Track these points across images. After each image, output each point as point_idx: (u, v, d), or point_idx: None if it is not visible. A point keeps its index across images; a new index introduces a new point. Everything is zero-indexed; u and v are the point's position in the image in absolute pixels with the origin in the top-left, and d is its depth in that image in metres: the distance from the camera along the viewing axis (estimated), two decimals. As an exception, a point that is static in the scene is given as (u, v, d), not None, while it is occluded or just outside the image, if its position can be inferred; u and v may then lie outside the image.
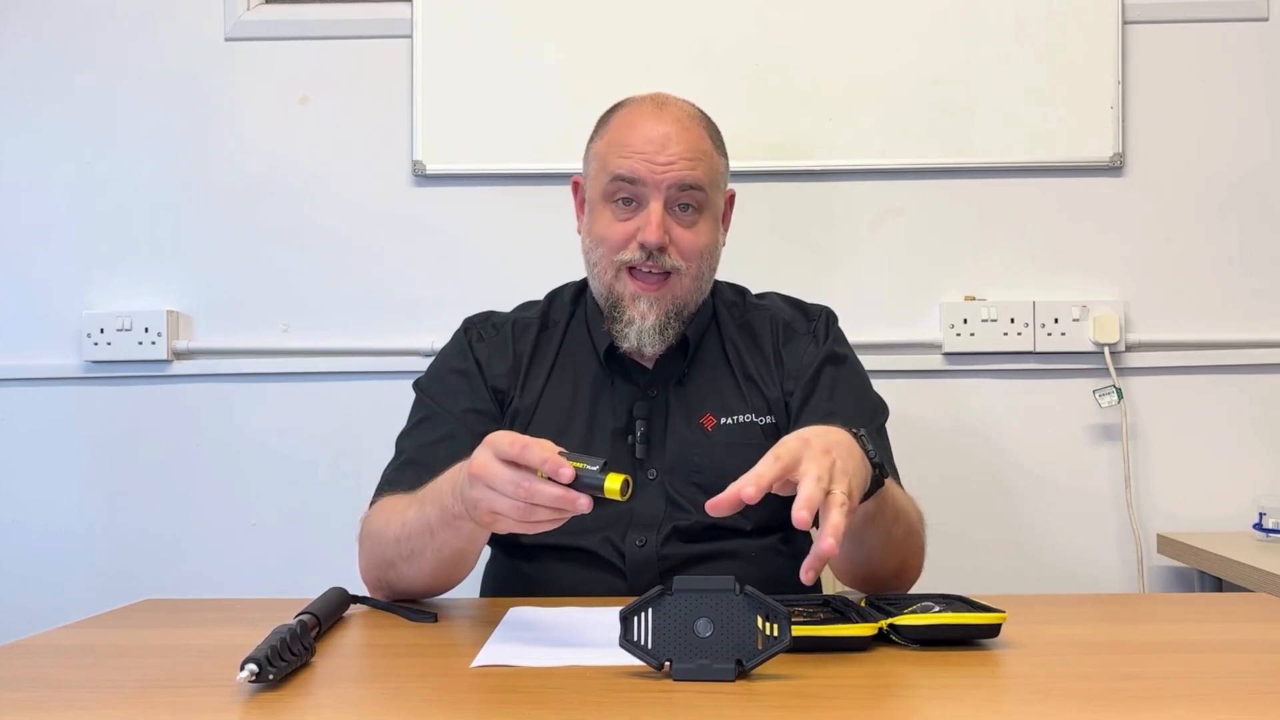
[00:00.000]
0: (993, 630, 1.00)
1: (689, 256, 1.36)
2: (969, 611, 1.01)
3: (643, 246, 1.34)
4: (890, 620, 1.00)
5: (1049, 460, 2.01)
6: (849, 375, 1.45)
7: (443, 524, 1.16)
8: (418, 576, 1.23)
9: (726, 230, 1.48)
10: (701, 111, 1.44)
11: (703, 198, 1.37)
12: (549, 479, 0.99)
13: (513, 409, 1.41)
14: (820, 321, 1.48)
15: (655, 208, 1.34)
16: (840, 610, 1.04)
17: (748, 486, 0.97)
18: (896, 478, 1.38)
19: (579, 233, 1.46)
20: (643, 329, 1.36)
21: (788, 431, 1.36)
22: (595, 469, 0.99)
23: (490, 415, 1.40)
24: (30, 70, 2.09)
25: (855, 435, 1.10)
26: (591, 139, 1.45)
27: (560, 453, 0.99)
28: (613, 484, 0.99)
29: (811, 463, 0.99)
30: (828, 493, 0.97)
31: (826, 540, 0.94)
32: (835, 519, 0.95)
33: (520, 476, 1.00)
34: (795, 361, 1.43)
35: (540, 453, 0.99)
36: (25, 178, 2.09)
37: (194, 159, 2.07)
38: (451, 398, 1.41)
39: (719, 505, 0.98)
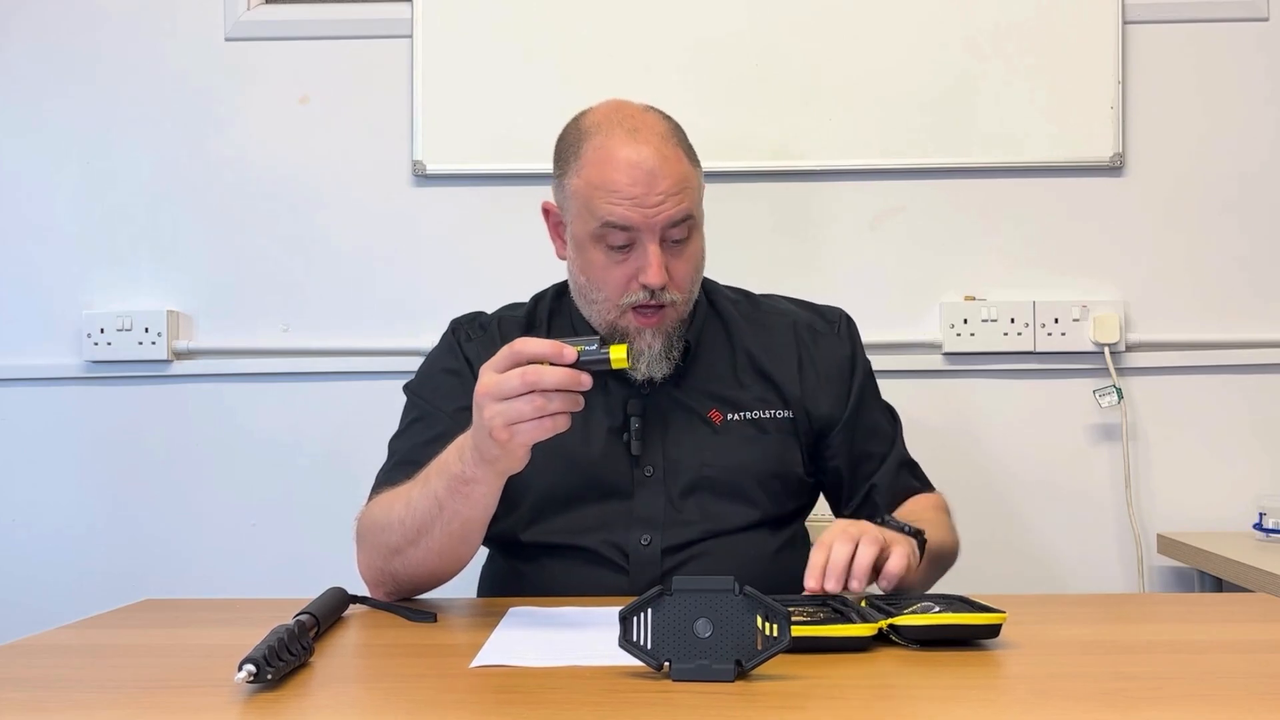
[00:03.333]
0: (993, 630, 1.00)
1: (681, 286, 1.36)
2: (969, 612, 1.01)
3: (645, 287, 1.33)
4: (890, 620, 1.00)
5: (1049, 460, 2.01)
6: (875, 389, 1.51)
7: (450, 493, 1.17)
8: (425, 558, 1.23)
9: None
10: (671, 124, 1.39)
11: (692, 223, 1.36)
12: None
13: None
14: (842, 323, 1.51)
15: (654, 250, 1.31)
16: (840, 610, 1.04)
17: (810, 580, 1.09)
18: (925, 479, 1.48)
19: (559, 257, 1.44)
20: (651, 359, 1.36)
21: (807, 427, 1.42)
22: (594, 347, 1.04)
23: None
24: (30, 70, 2.09)
25: (884, 523, 1.20)
26: (565, 170, 1.38)
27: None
28: (618, 353, 1.04)
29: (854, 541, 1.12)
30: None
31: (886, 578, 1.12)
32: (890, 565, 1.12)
33: (523, 369, 1.04)
34: (827, 360, 1.46)
35: (538, 346, 1.05)
36: (25, 178, 2.09)
37: (194, 159, 2.07)
38: (443, 397, 1.41)
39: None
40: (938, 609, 1.01)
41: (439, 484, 1.18)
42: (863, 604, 1.06)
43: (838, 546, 1.09)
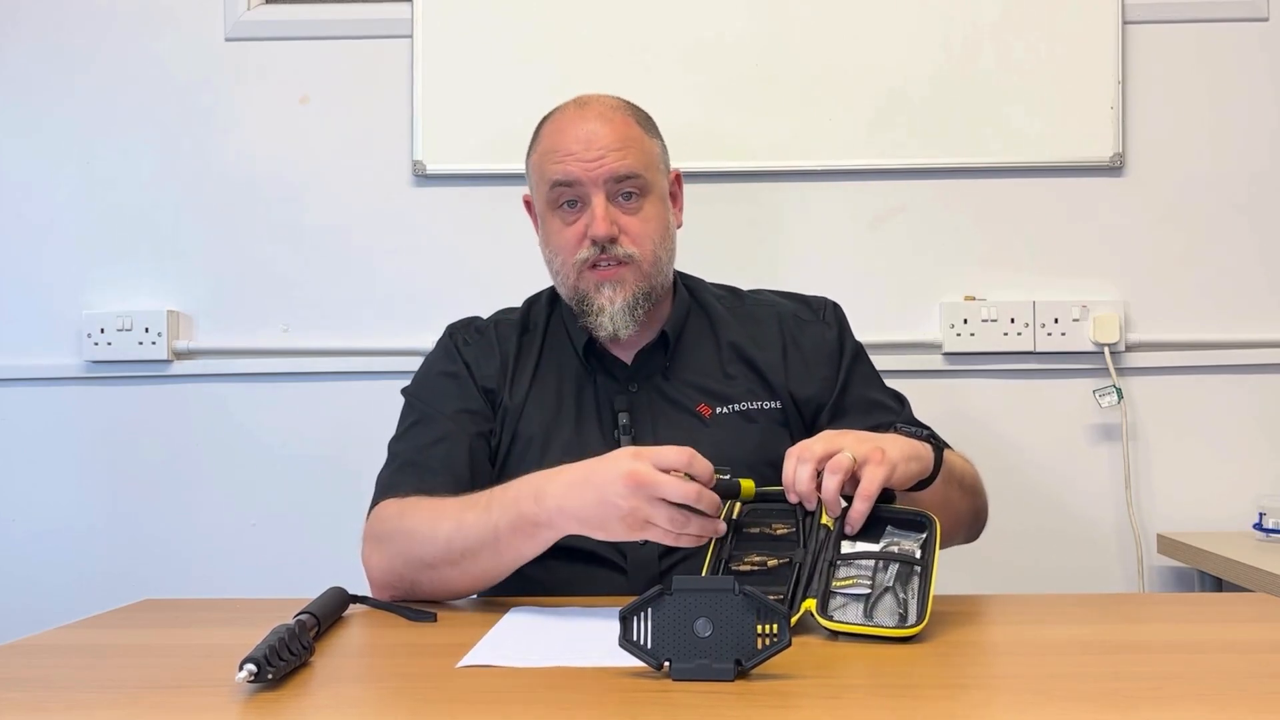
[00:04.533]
0: (906, 638, 1.02)
1: (640, 242, 1.39)
2: (894, 609, 1.04)
3: (594, 241, 1.37)
4: (810, 609, 1.04)
5: (1049, 460, 2.01)
6: (871, 370, 1.51)
7: (515, 531, 1.17)
8: (460, 579, 1.23)
9: (680, 211, 1.51)
10: (627, 102, 1.46)
11: (642, 183, 1.39)
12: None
13: (502, 409, 1.42)
14: (827, 309, 1.52)
15: (598, 201, 1.37)
16: (796, 536, 1.11)
17: (790, 494, 1.11)
18: (942, 440, 1.45)
19: (539, 246, 1.48)
20: (614, 313, 1.38)
21: (796, 414, 1.40)
22: (727, 477, 1.10)
23: (482, 415, 1.42)
24: (31, 70, 2.09)
25: (895, 429, 1.21)
26: (528, 153, 1.47)
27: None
28: (747, 486, 1.11)
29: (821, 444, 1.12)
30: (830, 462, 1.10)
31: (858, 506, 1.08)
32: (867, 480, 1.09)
33: (688, 483, 1.07)
34: (813, 345, 1.47)
35: (704, 463, 1.09)
36: (25, 178, 2.09)
37: (194, 159, 2.07)
38: (443, 399, 1.42)
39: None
40: (870, 590, 1.04)
41: (501, 517, 1.18)
42: (830, 526, 1.10)
43: (799, 467, 1.10)
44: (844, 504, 1.10)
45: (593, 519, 1.11)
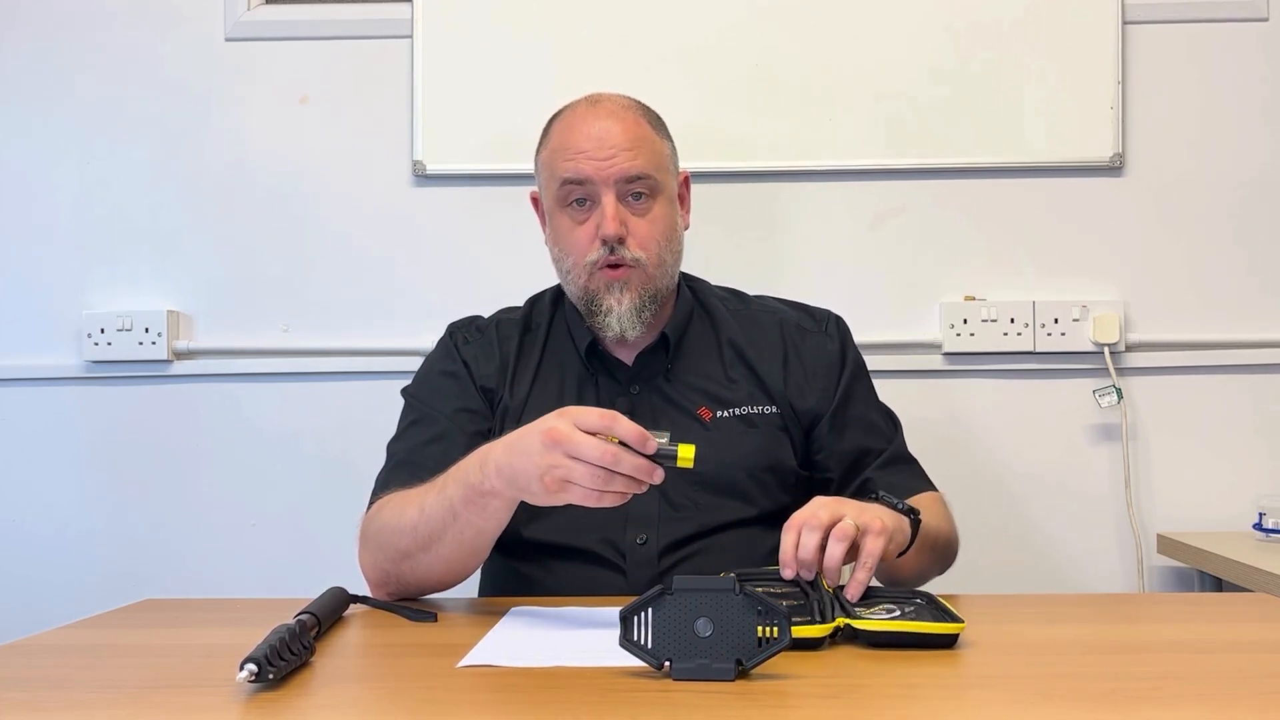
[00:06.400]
0: (949, 640, 1.00)
1: (647, 246, 1.39)
2: (929, 619, 1.01)
3: (604, 242, 1.37)
4: (846, 620, 1.01)
5: (1049, 460, 2.01)
6: (869, 388, 1.51)
7: (466, 503, 1.17)
8: (434, 564, 1.23)
9: (688, 212, 1.51)
10: (638, 101, 1.46)
11: (653, 183, 1.39)
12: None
13: (502, 407, 1.42)
14: (830, 321, 1.52)
15: (609, 201, 1.37)
16: (806, 593, 1.07)
17: (785, 570, 1.09)
18: (925, 476, 1.46)
19: (545, 244, 1.48)
20: (621, 314, 1.38)
21: (793, 422, 1.40)
22: (665, 440, 1.04)
23: (481, 415, 1.42)
24: (31, 71, 2.09)
25: (878, 499, 1.20)
26: (537, 150, 1.47)
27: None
28: (685, 453, 1.04)
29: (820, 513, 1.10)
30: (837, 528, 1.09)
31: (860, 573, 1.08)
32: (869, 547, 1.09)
33: (605, 444, 1.03)
34: (814, 356, 1.47)
35: (630, 430, 1.03)
36: (25, 178, 2.09)
37: (194, 159, 2.07)
38: (442, 399, 1.42)
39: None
40: (899, 612, 1.02)
41: (455, 492, 1.18)
42: (830, 590, 1.07)
43: (806, 535, 1.09)
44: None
45: (518, 478, 1.10)
